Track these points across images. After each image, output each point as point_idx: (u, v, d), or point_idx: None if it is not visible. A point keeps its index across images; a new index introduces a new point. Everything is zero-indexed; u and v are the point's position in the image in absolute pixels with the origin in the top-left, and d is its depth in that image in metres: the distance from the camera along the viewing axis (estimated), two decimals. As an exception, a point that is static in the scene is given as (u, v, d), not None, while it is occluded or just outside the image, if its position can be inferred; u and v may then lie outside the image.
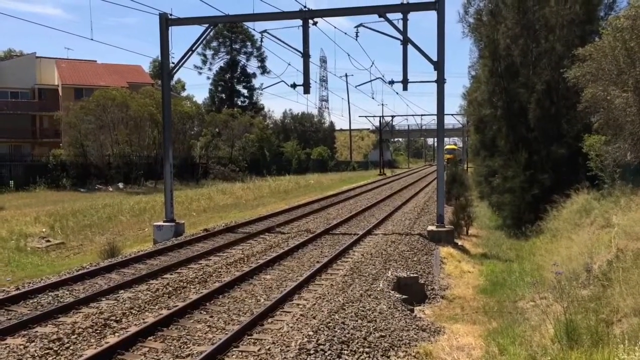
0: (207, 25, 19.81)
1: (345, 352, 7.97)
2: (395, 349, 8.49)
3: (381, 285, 11.79)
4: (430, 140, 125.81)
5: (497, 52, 24.92)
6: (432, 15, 17.72)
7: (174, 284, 11.61)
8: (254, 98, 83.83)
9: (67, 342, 8.20)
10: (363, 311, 9.76)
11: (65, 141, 51.61)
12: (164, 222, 19.46)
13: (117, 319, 9.34)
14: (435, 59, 18.42)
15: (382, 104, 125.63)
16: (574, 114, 21.09)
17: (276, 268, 13.38)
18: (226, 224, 21.45)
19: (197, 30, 29.33)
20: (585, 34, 22.46)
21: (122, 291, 11.14)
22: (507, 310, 11.21)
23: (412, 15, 18.80)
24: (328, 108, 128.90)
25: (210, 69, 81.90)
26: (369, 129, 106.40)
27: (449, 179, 26.73)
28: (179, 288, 11.39)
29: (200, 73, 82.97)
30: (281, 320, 9.25)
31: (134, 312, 9.76)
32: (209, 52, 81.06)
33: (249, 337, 8.48)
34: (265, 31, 19.98)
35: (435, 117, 22.89)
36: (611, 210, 13.99)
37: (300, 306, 10.09)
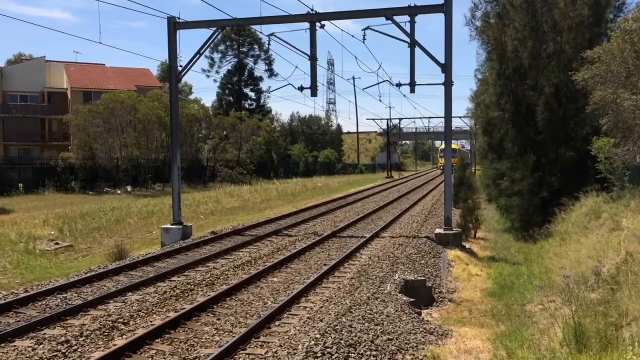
0: (214, 28, 19.87)
1: (353, 355, 7.96)
2: (403, 352, 8.47)
3: (388, 288, 11.76)
4: (438, 143, 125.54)
5: (504, 55, 24.88)
6: (440, 18, 17.75)
7: (182, 287, 11.63)
8: (262, 101, 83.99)
9: (75, 345, 8.23)
10: (370, 314, 9.74)
11: (74, 144, 51.88)
12: (172, 224, 19.53)
13: (125, 321, 9.36)
14: (442, 61, 18.40)
15: (390, 107, 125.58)
16: (583, 117, 21.03)
17: (283, 271, 13.38)
18: (233, 226, 21.48)
19: (205, 33, 29.47)
20: (593, 36, 22.39)
21: (129, 293, 11.17)
22: (515, 314, 11.16)
23: (419, 18, 18.83)
24: (335, 111, 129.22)
25: (217, 72, 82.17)
26: (376, 131, 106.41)
27: (456, 182, 26.66)
28: (186, 290, 11.41)
29: (207, 76, 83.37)
30: (288, 323, 9.24)
31: (141, 314, 9.78)
32: (216, 55, 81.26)
33: (256, 339, 8.47)
34: (272, 34, 20.12)
35: (442, 120, 22.84)
36: (621, 213, 13.92)
37: (308, 309, 10.08)
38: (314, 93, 19.59)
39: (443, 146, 71.36)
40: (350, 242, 17.15)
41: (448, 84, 18.51)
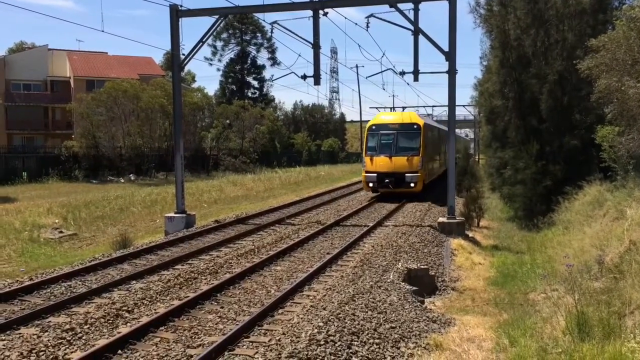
0: (217, 16, 19.79)
1: (356, 343, 7.99)
2: (406, 340, 8.50)
3: (392, 276, 11.79)
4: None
5: (507, 43, 24.72)
6: (444, 5, 17.59)
7: (185, 275, 11.67)
8: (265, 89, 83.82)
9: (80, 332, 8.28)
10: (373, 302, 9.77)
11: (77, 133, 51.94)
12: (175, 213, 19.55)
13: (129, 309, 9.41)
14: (446, 49, 18.30)
15: (393, 95, 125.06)
16: (587, 105, 20.91)
17: (286, 259, 13.42)
18: (237, 215, 21.51)
19: (208, 21, 29.37)
20: (597, 24, 22.24)
21: (134, 282, 11.22)
22: (518, 302, 11.19)
23: (423, 6, 18.67)
24: (338, 99, 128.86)
25: (220, 61, 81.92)
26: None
27: (460, 171, 26.62)
28: (190, 279, 11.45)
29: (210, 64, 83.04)
30: (291, 311, 9.27)
31: (145, 302, 9.83)
32: (219, 44, 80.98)
33: (260, 327, 8.51)
34: (275, 22, 19.93)
35: (446, 108, 22.73)
36: (624, 202, 13.87)
37: (311, 297, 10.11)
38: (317, 82, 19.53)
39: (378, 119, 26.69)
40: (354, 231, 17.16)
41: (452, 72, 18.42)
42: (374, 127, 25.96)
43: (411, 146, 24.88)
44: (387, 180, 24.22)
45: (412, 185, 24.21)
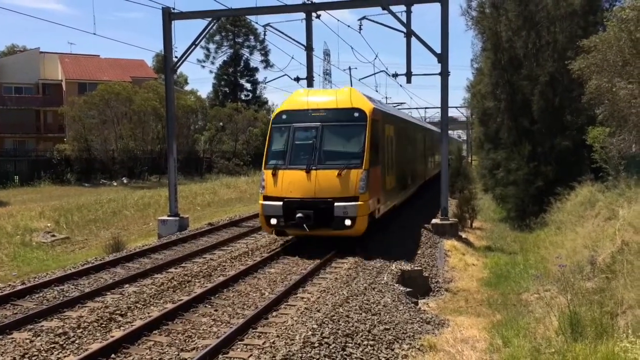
0: (210, 19, 19.78)
1: (350, 345, 7.99)
2: (400, 341, 8.51)
3: (385, 278, 11.80)
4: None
5: (499, 45, 24.88)
6: (436, 7, 17.65)
7: (179, 278, 11.63)
8: (258, 92, 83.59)
9: (73, 336, 8.24)
10: (367, 304, 9.77)
11: (70, 136, 51.74)
12: (169, 216, 19.50)
13: (123, 313, 9.37)
14: (439, 51, 18.36)
15: (386, 97, 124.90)
16: (578, 106, 21.07)
17: (280, 261, 13.39)
18: (230, 218, 21.48)
19: (200, 24, 29.33)
20: (588, 25, 22.44)
21: (127, 285, 11.18)
22: (511, 303, 11.23)
23: (416, 8, 18.72)
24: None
25: (213, 63, 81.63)
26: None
27: (453, 172, 26.68)
28: (183, 282, 11.41)
29: (203, 67, 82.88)
30: (286, 314, 9.27)
31: (139, 306, 9.79)
32: (212, 46, 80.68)
33: (254, 330, 8.50)
34: (268, 24, 20.01)
35: (439, 110, 22.77)
36: (616, 202, 13.96)
37: (305, 299, 10.10)
38: (310, 84, 19.56)
39: (292, 102, 15.19)
40: (347, 233, 17.11)
41: (444, 74, 18.47)
42: (283, 117, 14.87)
43: (348, 150, 14.28)
44: (300, 215, 13.51)
45: (346, 223, 13.52)
